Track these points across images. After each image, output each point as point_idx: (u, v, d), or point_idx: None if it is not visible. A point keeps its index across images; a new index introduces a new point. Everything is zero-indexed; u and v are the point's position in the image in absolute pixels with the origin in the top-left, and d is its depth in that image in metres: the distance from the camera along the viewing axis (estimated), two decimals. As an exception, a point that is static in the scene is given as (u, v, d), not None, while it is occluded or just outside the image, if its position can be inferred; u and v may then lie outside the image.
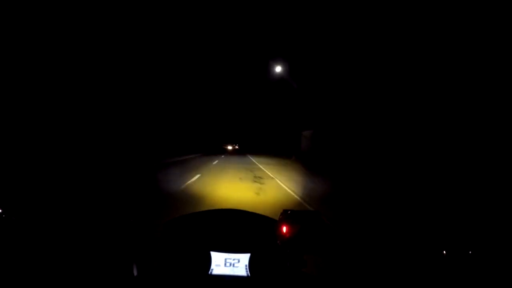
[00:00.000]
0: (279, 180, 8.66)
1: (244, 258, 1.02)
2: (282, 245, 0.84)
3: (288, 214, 0.86)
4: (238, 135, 70.57)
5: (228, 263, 1.01)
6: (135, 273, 0.90)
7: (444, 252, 0.72)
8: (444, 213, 5.04)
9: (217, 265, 1.01)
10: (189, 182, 7.40)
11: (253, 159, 21.21)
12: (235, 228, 1.08)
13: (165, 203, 4.65)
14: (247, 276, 1.00)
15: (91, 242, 0.84)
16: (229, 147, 50.49)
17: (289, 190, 6.84)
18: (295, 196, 6.14)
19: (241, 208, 1.18)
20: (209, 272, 1.00)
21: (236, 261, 1.01)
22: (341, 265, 3.26)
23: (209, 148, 40.85)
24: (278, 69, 17.60)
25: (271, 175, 10.04)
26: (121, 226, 0.90)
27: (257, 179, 8.87)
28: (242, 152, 42.17)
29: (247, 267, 1.01)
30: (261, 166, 14.26)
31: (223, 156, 24.83)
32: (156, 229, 1.08)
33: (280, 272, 0.98)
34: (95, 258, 0.82)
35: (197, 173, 9.51)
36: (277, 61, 17.71)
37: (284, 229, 0.83)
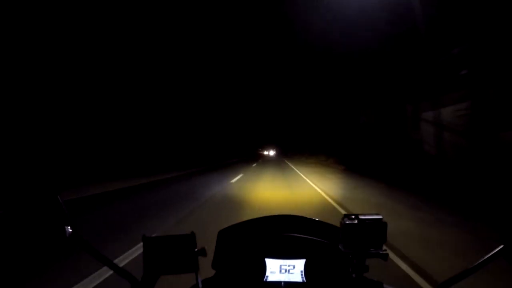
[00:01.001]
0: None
1: (300, 264, 1.01)
2: (344, 250, 0.83)
3: (350, 217, 0.85)
4: (279, 136, 66.47)
5: (283, 269, 1.01)
6: (200, 286, 0.92)
7: None
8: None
9: (272, 272, 1.01)
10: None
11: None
12: (290, 233, 1.08)
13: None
14: (303, 281, 1.00)
15: None
16: (266, 153, 47.09)
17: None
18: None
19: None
20: (264, 279, 1.00)
21: (292, 267, 1.01)
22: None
23: (236, 155, 38.45)
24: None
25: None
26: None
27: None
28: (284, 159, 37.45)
29: (303, 272, 1.00)
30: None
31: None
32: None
33: (339, 277, 0.97)
34: None
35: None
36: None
37: (347, 233, 0.83)
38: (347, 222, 0.83)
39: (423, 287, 2.77)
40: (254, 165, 24.56)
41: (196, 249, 0.88)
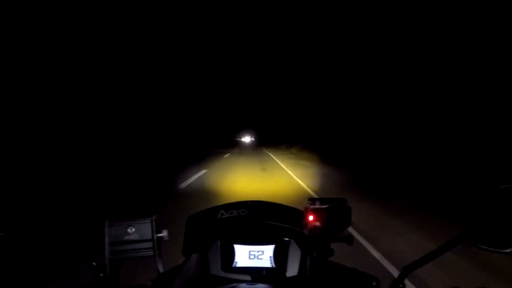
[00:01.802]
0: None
1: (269, 249, 1.00)
2: (308, 234, 0.83)
3: (314, 202, 0.84)
4: (256, 124, 64.10)
5: (252, 255, 1.00)
6: (161, 270, 0.91)
7: None
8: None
9: (241, 258, 1.00)
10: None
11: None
12: (258, 219, 1.07)
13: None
14: (272, 267, 0.99)
15: None
16: (243, 140, 45.18)
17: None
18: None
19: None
20: (233, 265, 0.99)
21: (260, 253, 1.00)
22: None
23: (210, 143, 33.00)
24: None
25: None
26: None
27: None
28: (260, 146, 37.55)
29: (272, 258, 0.99)
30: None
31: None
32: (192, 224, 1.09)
33: (307, 262, 0.96)
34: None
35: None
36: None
37: (311, 217, 0.82)
38: (311, 206, 0.83)
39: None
40: (226, 155, 21.65)
41: (158, 234, 0.87)
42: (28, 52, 11.74)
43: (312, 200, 0.84)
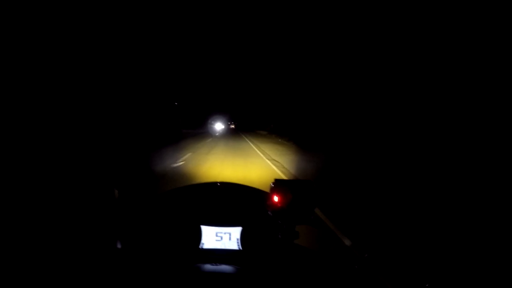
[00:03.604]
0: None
1: (236, 231, 1.00)
2: (273, 215, 0.81)
3: (280, 183, 0.81)
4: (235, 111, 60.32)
5: (219, 236, 1.00)
6: (119, 246, 0.89)
7: None
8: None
9: (208, 239, 0.99)
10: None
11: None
12: (226, 201, 1.07)
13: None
14: (239, 249, 0.99)
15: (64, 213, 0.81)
16: (219, 127, 37.62)
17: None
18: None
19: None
20: (200, 247, 0.98)
21: (227, 234, 1.00)
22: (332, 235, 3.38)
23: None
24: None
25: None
26: (101, 198, 0.87)
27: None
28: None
29: (239, 240, 0.99)
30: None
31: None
32: (146, 202, 1.06)
33: (272, 244, 0.95)
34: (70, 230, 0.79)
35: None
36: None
37: (276, 198, 0.80)
38: (275, 187, 0.80)
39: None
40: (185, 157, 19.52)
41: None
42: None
43: (277, 181, 0.82)
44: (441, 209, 4.24)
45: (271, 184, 0.82)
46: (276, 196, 0.79)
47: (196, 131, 31.13)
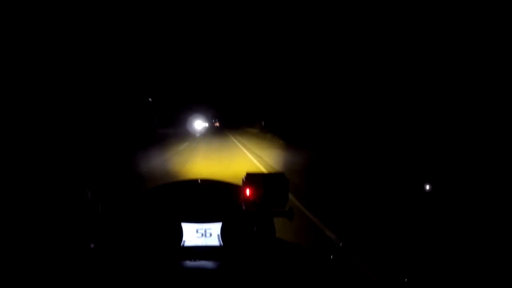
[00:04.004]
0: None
1: (216, 227, 1.01)
2: (246, 209, 0.83)
3: (252, 176, 0.83)
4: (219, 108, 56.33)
5: (200, 233, 1.00)
6: (92, 246, 0.87)
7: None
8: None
9: (188, 237, 1.00)
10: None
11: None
12: (205, 197, 1.08)
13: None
14: (220, 245, 1.00)
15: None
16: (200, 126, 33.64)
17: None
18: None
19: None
20: (181, 244, 0.99)
21: (209, 232, 1.01)
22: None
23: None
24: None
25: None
26: (73, 199, 0.86)
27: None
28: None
29: (219, 236, 1.01)
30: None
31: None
32: (125, 201, 1.05)
33: (252, 238, 0.98)
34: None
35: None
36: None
37: (248, 192, 0.81)
38: (247, 181, 0.81)
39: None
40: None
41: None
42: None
43: (249, 175, 0.83)
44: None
45: (243, 178, 0.83)
46: (248, 189, 0.81)
47: (177, 130, 28.83)
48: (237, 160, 9.63)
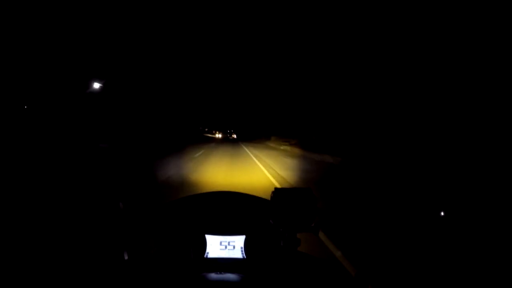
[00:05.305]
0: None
1: (239, 240, 1.02)
2: (275, 224, 0.84)
3: (280, 192, 0.84)
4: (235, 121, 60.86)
5: (223, 245, 1.01)
6: (126, 257, 0.90)
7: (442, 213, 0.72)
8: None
9: (212, 248, 1.01)
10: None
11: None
12: (229, 210, 1.09)
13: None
14: (243, 258, 1.01)
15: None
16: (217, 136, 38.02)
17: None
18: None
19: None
20: (205, 256, 1.00)
21: (232, 244, 1.02)
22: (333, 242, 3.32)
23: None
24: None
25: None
26: (107, 211, 0.89)
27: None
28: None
29: (243, 249, 1.01)
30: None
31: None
32: (150, 213, 1.08)
33: (275, 252, 0.98)
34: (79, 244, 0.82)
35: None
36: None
37: (276, 207, 0.83)
38: (277, 196, 0.83)
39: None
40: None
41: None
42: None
43: (277, 189, 0.85)
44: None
45: (271, 193, 0.85)
46: (277, 204, 0.83)
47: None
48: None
